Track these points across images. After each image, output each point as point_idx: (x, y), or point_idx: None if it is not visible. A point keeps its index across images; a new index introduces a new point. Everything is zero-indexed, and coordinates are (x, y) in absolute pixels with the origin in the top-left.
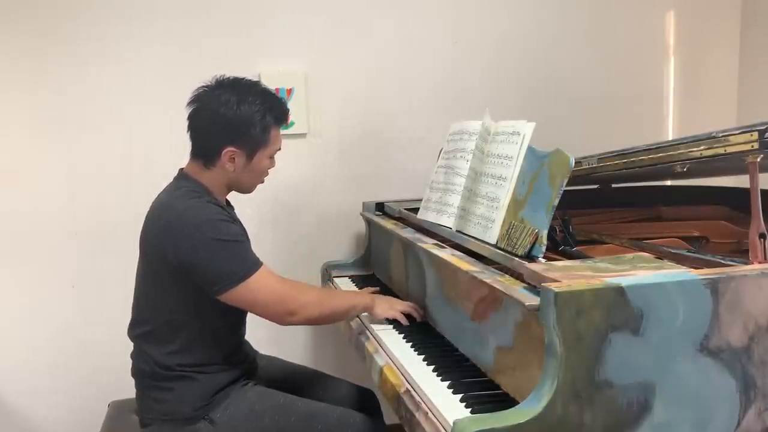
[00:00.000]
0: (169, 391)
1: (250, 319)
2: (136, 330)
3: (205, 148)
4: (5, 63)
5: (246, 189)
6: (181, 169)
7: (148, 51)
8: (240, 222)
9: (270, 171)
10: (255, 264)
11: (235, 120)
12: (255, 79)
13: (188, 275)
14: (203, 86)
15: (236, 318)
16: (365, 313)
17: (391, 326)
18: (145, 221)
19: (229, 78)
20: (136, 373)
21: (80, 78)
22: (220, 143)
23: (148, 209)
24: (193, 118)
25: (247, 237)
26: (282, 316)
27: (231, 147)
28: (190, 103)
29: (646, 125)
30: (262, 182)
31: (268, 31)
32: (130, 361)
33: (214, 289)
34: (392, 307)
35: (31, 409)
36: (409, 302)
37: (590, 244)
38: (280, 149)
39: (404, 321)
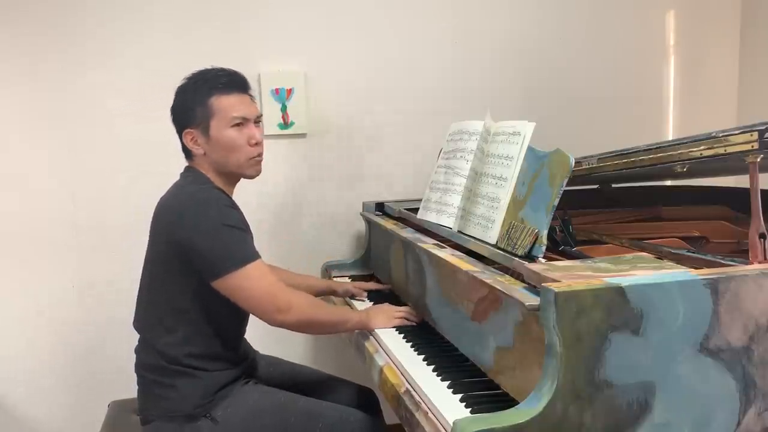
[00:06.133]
0: (171, 388)
1: (252, 318)
2: (141, 321)
3: (181, 143)
4: (5, 63)
5: (235, 169)
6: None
7: (149, 51)
8: (243, 215)
9: (254, 143)
10: (254, 254)
11: (177, 106)
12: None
13: (190, 257)
14: None
15: (239, 309)
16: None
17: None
18: (156, 212)
19: None
20: (140, 367)
21: (80, 77)
22: (180, 132)
23: (152, 207)
24: None
25: (249, 230)
26: (272, 313)
27: (186, 129)
28: None
29: (646, 125)
30: (258, 159)
31: (268, 32)
32: (131, 361)
33: (212, 271)
34: (390, 316)
35: (32, 409)
36: (403, 307)
37: (590, 244)
38: (244, 117)
39: (408, 322)
